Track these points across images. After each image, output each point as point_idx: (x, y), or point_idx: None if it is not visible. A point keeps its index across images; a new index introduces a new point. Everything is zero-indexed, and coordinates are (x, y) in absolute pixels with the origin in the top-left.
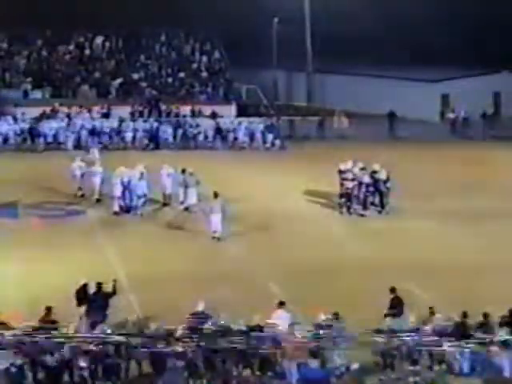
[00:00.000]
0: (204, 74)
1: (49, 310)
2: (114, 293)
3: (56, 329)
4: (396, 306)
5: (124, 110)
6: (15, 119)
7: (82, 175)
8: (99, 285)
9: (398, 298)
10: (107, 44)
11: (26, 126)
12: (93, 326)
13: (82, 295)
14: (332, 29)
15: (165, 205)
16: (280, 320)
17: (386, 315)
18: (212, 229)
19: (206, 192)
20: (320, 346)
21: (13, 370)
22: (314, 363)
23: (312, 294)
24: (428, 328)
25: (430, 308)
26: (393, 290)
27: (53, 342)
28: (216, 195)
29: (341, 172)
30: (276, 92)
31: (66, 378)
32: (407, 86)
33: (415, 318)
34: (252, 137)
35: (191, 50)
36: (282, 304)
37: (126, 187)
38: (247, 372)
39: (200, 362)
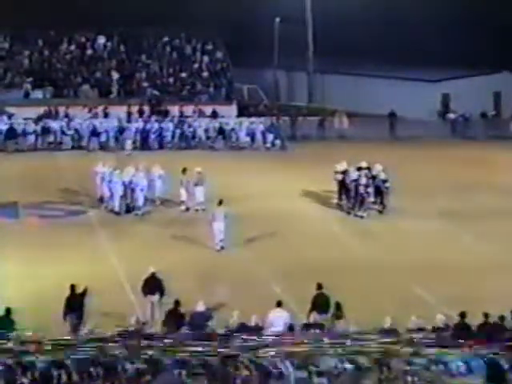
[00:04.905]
0: (205, 74)
1: (177, 302)
2: (83, 294)
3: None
4: (321, 303)
5: (124, 110)
6: (10, 118)
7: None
8: (72, 286)
9: (323, 294)
10: (109, 44)
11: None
12: (74, 327)
13: (151, 284)
14: (333, 29)
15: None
16: (277, 319)
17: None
18: (215, 239)
19: (208, 191)
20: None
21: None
22: None
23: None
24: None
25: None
26: (320, 286)
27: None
28: (220, 202)
29: (341, 173)
30: (277, 92)
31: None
32: (407, 86)
33: (415, 318)
34: (253, 137)
35: (192, 49)
36: (279, 304)
37: (128, 187)
38: (246, 372)
39: (199, 362)
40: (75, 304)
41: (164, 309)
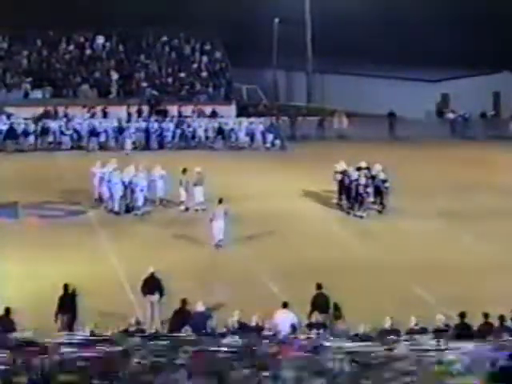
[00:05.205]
0: (204, 74)
1: (184, 301)
2: (74, 294)
3: None
4: (321, 303)
5: (123, 110)
6: (8, 118)
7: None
8: (65, 286)
9: (323, 294)
10: (107, 44)
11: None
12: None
13: (151, 284)
14: (332, 29)
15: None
16: (282, 321)
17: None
18: (214, 236)
19: (208, 192)
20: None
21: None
22: None
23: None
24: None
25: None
26: (319, 286)
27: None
28: (220, 201)
29: (340, 173)
30: (276, 92)
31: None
32: (407, 86)
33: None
34: (252, 137)
35: (191, 49)
36: (285, 305)
37: (127, 187)
38: (246, 372)
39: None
40: (67, 303)
41: (163, 309)
